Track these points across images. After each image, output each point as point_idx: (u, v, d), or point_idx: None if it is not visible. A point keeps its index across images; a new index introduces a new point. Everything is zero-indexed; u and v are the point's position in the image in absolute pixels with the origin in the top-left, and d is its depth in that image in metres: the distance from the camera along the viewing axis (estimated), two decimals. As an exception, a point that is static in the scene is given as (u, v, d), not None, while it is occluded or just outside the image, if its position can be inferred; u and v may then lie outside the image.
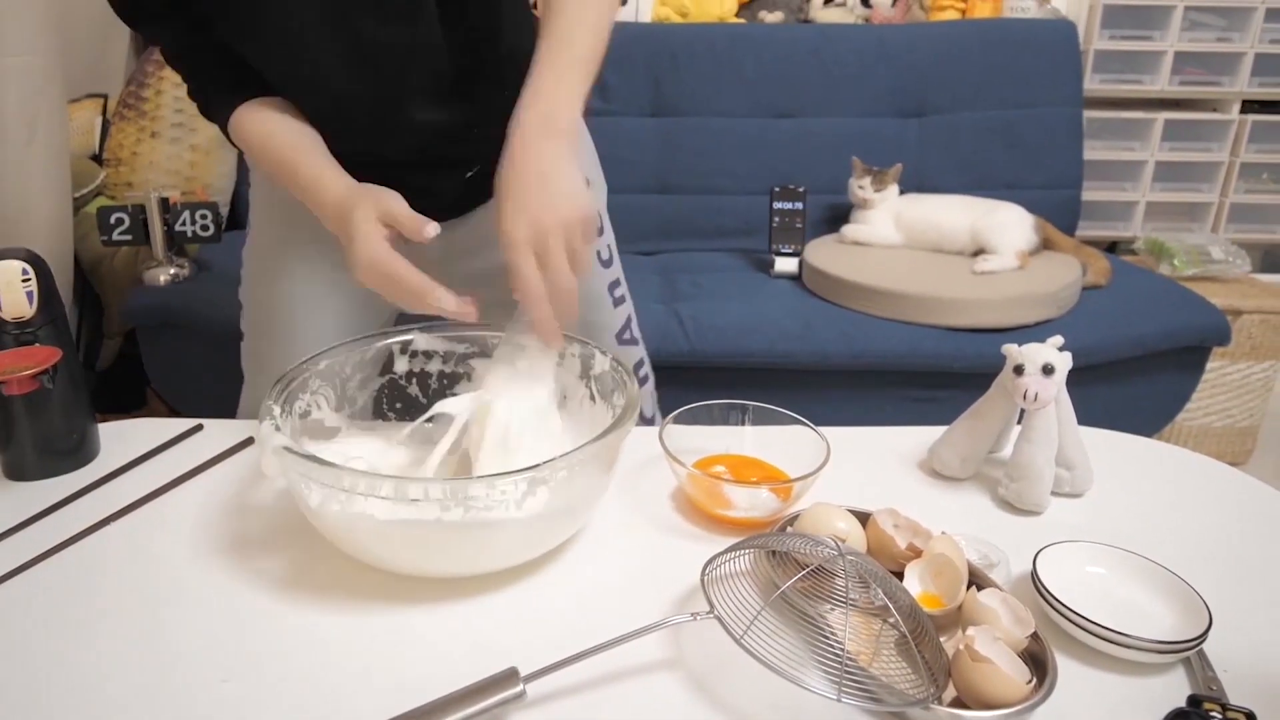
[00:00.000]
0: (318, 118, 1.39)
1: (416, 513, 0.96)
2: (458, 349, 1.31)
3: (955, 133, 3.13)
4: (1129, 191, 3.45)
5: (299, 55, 1.30)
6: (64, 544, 1.09)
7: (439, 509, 0.95)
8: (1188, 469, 1.33)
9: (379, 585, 1.03)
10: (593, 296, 1.54)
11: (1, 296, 1.20)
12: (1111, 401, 2.56)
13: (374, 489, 0.94)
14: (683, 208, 3.09)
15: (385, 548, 1.02)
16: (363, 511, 0.96)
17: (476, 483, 0.98)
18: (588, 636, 0.88)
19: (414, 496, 0.95)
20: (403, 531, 0.97)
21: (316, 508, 0.99)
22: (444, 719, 0.80)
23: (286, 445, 1.00)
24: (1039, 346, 1.18)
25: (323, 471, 0.96)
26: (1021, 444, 1.19)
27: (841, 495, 1.12)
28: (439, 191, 1.43)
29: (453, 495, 0.95)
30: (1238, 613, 0.98)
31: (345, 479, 0.94)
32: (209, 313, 2.22)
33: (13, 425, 1.22)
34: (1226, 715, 0.84)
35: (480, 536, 0.99)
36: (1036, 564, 1.00)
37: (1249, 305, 3.02)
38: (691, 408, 1.26)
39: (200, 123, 2.69)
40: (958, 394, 1.39)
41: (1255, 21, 3.29)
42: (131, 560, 1.08)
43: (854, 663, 0.86)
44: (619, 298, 1.59)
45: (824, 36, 3.13)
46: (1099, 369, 2.45)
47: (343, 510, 0.97)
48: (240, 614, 0.98)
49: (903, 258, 2.73)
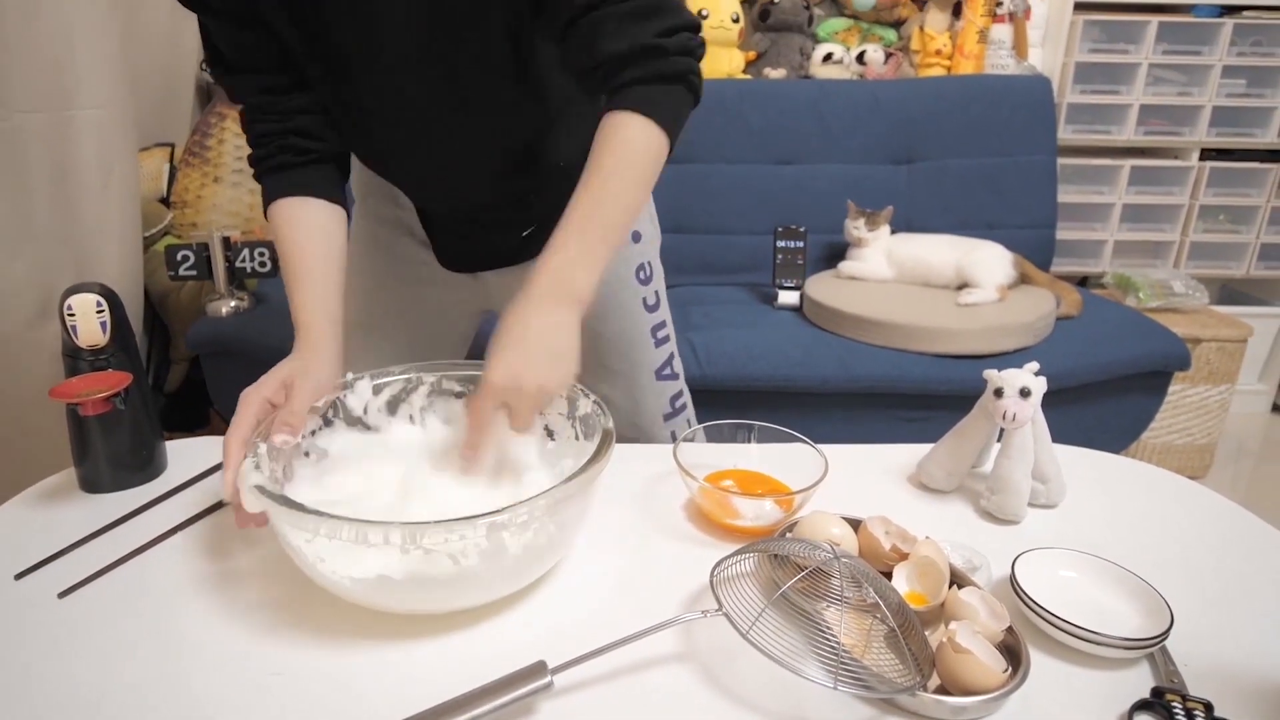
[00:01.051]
0: (388, 173, 1.41)
1: (380, 557, 0.92)
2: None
3: (941, 178, 3.13)
4: (1099, 231, 3.45)
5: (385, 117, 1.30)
6: (135, 551, 1.10)
7: (399, 553, 0.90)
8: (1152, 483, 1.32)
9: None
10: (638, 337, 1.55)
11: (78, 326, 1.20)
12: (1083, 421, 2.55)
13: (335, 532, 0.88)
14: (695, 246, 3.08)
15: (351, 590, 0.95)
16: (323, 555, 0.93)
17: (435, 528, 0.89)
18: (608, 632, 0.88)
19: (373, 541, 0.89)
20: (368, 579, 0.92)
21: (293, 546, 0.95)
22: (481, 707, 0.80)
23: (260, 485, 0.94)
24: (1017, 371, 1.18)
25: (288, 515, 0.90)
26: (1001, 460, 1.19)
27: (838, 505, 1.12)
28: (497, 245, 1.46)
29: (411, 539, 0.89)
30: (1197, 613, 0.98)
31: (309, 522, 0.89)
32: (265, 341, 2.23)
33: (88, 443, 1.22)
34: (1187, 705, 0.84)
35: (442, 579, 0.92)
36: (1015, 568, 1.00)
37: (1207, 334, 3.02)
38: (703, 426, 1.27)
39: (258, 169, 2.72)
40: (943, 414, 1.39)
41: (1212, 78, 3.29)
42: (196, 565, 1.07)
43: (848, 654, 0.86)
44: (662, 338, 1.57)
45: (822, 91, 3.12)
46: (1071, 392, 2.45)
47: (310, 551, 0.94)
48: (293, 612, 0.98)
49: (894, 291, 2.72)
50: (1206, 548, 1.15)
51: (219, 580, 1.05)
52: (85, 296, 1.20)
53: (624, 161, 1.14)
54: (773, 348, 2.45)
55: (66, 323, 1.20)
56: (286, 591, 1.02)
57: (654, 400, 1.57)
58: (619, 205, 1.15)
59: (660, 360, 1.58)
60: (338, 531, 0.88)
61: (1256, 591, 1.05)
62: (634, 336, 1.54)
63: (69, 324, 1.20)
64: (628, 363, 1.54)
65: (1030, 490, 1.20)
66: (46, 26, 1.90)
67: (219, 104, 2.73)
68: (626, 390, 1.55)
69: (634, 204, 1.18)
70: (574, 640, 0.89)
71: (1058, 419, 1.21)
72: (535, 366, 1.04)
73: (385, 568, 0.91)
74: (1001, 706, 0.85)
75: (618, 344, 1.53)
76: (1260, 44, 3.30)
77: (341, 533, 0.88)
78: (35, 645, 0.93)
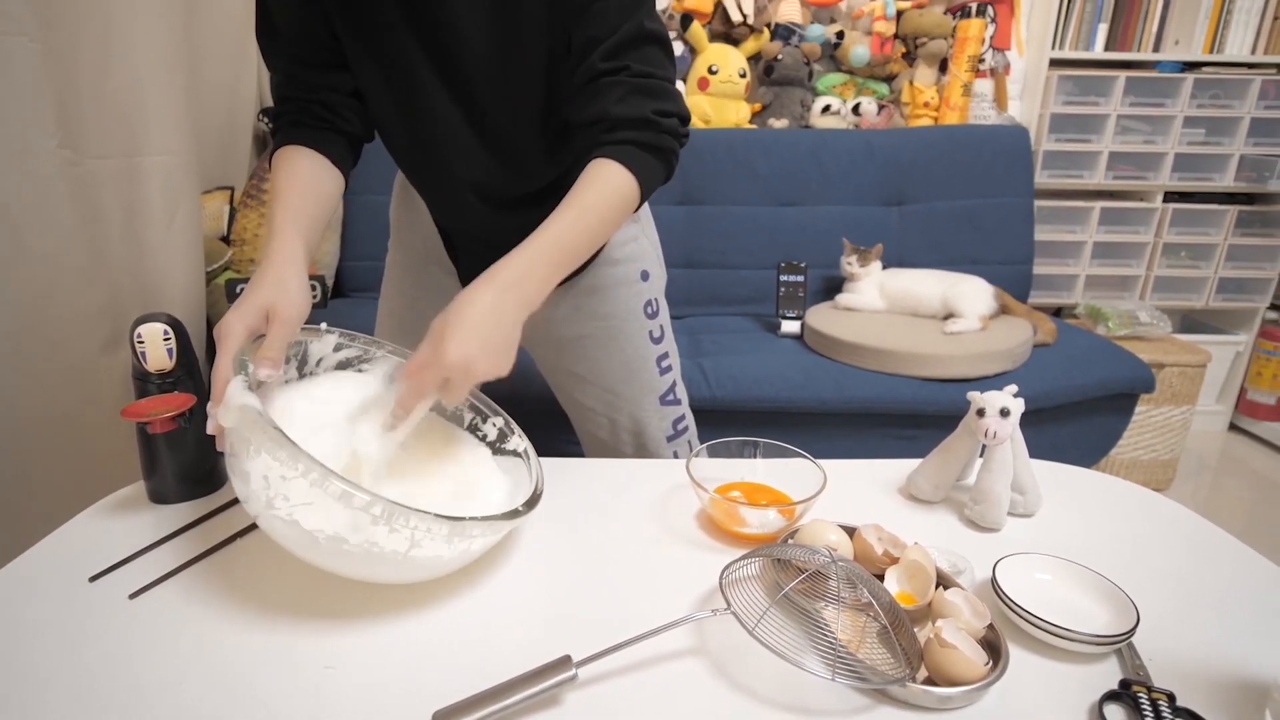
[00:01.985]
0: (421, 184, 1.44)
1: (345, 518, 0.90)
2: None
3: (929, 218, 3.12)
4: (1071, 266, 3.44)
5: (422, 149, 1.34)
6: (199, 556, 1.10)
7: (370, 522, 0.89)
8: (1120, 494, 1.32)
9: (451, 588, 1.03)
10: (644, 366, 1.55)
11: (147, 352, 1.21)
12: (1057, 438, 2.54)
13: (323, 482, 0.86)
14: (706, 280, 3.09)
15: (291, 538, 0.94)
16: (288, 495, 0.91)
17: (418, 515, 0.89)
18: (627, 629, 0.89)
19: (356, 506, 0.87)
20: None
21: (259, 475, 0.92)
22: (511, 698, 0.81)
23: (248, 405, 0.92)
24: (997, 393, 1.19)
25: (282, 447, 0.88)
26: (983, 473, 1.19)
27: (835, 514, 1.13)
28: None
29: (389, 517, 0.89)
30: (1161, 612, 0.98)
31: (299, 461, 0.87)
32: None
33: (156, 458, 1.22)
34: (1151, 696, 0.84)
35: (392, 559, 0.93)
36: (995, 572, 1.00)
37: (1170, 360, 3.01)
38: (712, 443, 1.27)
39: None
40: (930, 432, 1.39)
41: (1175, 128, 3.29)
42: (252, 568, 1.08)
43: (844, 649, 0.87)
44: (665, 368, 1.58)
45: (821, 140, 3.13)
46: (1047, 412, 2.44)
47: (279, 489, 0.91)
48: (338, 609, 0.99)
49: (886, 321, 2.72)
50: (1169, 553, 1.15)
51: (273, 581, 1.05)
52: (153, 325, 1.21)
53: (604, 202, 1.17)
54: (776, 372, 2.45)
55: (136, 349, 1.21)
56: (334, 591, 1.02)
57: (657, 423, 1.58)
58: (588, 237, 1.17)
59: (664, 387, 1.58)
60: (325, 482, 0.87)
61: (1215, 593, 1.05)
62: (640, 365, 1.55)
63: (138, 350, 1.21)
64: (633, 388, 1.55)
65: (1009, 501, 1.20)
66: (119, 81, 1.92)
67: (273, 151, 2.74)
68: (632, 414, 1.56)
69: (599, 240, 1.21)
70: (596, 636, 0.90)
71: (1034, 436, 1.20)
72: (489, 354, 1.04)
73: (343, 529, 0.91)
74: (983, 696, 0.85)
75: (624, 371, 1.54)
76: (1218, 97, 3.30)
77: (329, 485, 0.87)
78: (108, 641, 0.93)
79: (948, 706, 0.84)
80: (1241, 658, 0.93)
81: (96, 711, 0.83)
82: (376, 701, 0.85)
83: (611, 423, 1.57)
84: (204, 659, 0.91)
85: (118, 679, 0.87)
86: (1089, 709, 0.85)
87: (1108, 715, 0.83)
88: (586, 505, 1.25)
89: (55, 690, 0.86)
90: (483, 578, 1.06)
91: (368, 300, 2.92)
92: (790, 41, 3.21)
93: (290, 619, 0.98)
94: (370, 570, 0.97)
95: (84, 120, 1.82)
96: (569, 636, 0.94)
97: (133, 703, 0.84)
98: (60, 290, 1.79)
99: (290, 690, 0.86)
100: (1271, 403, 3.54)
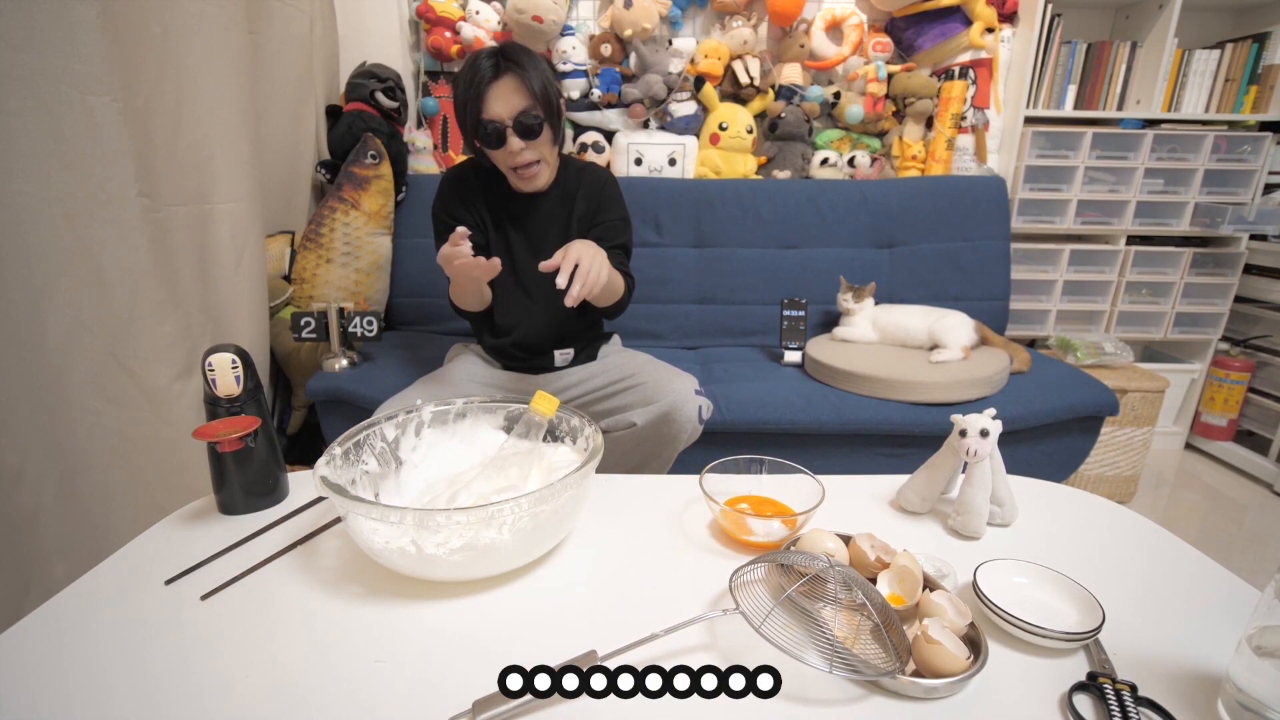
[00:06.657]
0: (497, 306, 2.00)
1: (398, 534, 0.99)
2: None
3: (916, 259, 3.12)
4: (1044, 302, 3.43)
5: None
6: (264, 561, 1.11)
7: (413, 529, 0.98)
8: (1087, 506, 1.32)
9: (488, 590, 1.04)
10: (686, 383, 1.88)
11: (217, 379, 1.23)
12: (1031, 456, 2.52)
13: (384, 516, 0.97)
14: (717, 314, 3.08)
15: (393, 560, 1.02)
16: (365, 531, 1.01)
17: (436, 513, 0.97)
18: (646, 626, 0.90)
19: (392, 519, 0.97)
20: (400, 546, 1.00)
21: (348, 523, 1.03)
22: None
23: (324, 476, 1.04)
24: (978, 416, 1.19)
25: (340, 501, 1.00)
26: (965, 488, 1.20)
27: (833, 524, 1.13)
28: (548, 360, 2.05)
29: (419, 524, 0.97)
30: (1124, 611, 0.98)
31: (359, 507, 0.99)
32: (370, 393, 2.23)
33: (225, 474, 1.24)
34: (1116, 686, 0.84)
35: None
36: (976, 576, 1.01)
37: (1132, 386, 2.99)
38: (722, 461, 1.27)
39: (363, 250, 2.76)
40: (918, 451, 1.39)
41: (1136, 178, 3.28)
42: (312, 572, 1.09)
43: (841, 645, 0.87)
44: (697, 390, 1.88)
45: (820, 189, 3.12)
46: (1022, 432, 2.43)
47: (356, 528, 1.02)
48: (383, 609, 1.00)
49: (878, 351, 2.71)
50: (1132, 559, 1.15)
51: (330, 584, 1.06)
52: (223, 355, 1.23)
53: (616, 279, 1.83)
54: (780, 397, 2.44)
55: (207, 376, 1.23)
56: (384, 590, 1.03)
57: (690, 407, 1.88)
58: (613, 288, 1.83)
59: (697, 386, 1.92)
60: (386, 516, 0.97)
61: (1172, 594, 1.05)
62: (684, 379, 1.93)
63: (209, 377, 1.23)
64: (675, 387, 1.88)
65: (989, 512, 1.20)
66: (191, 136, 1.94)
67: (330, 199, 2.76)
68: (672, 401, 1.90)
69: (612, 291, 1.83)
70: (618, 633, 0.91)
71: (1011, 454, 1.21)
72: (591, 249, 1.57)
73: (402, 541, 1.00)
74: (965, 687, 0.85)
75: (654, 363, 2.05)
76: (1175, 150, 3.29)
77: (391, 517, 0.97)
78: (183, 638, 0.94)
79: (933, 696, 0.85)
80: (1196, 652, 0.93)
81: (174, 696, 0.85)
82: (422, 691, 0.86)
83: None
84: (268, 651, 0.92)
85: (192, 669, 0.89)
86: (1060, 698, 0.85)
87: (1076, 704, 0.83)
88: (611, 517, 1.26)
89: (135, 678, 0.87)
90: (517, 581, 1.07)
91: (415, 333, 2.95)
92: (792, 101, 3.22)
93: (344, 618, 0.99)
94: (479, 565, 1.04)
95: (160, 171, 1.84)
96: (595, 632, 0.95)
97: (203, 690, 0.86)
98: (139, 323, 1.80)
99: (345, 681, 0.87)
100: (1223, 424, 3.53)
